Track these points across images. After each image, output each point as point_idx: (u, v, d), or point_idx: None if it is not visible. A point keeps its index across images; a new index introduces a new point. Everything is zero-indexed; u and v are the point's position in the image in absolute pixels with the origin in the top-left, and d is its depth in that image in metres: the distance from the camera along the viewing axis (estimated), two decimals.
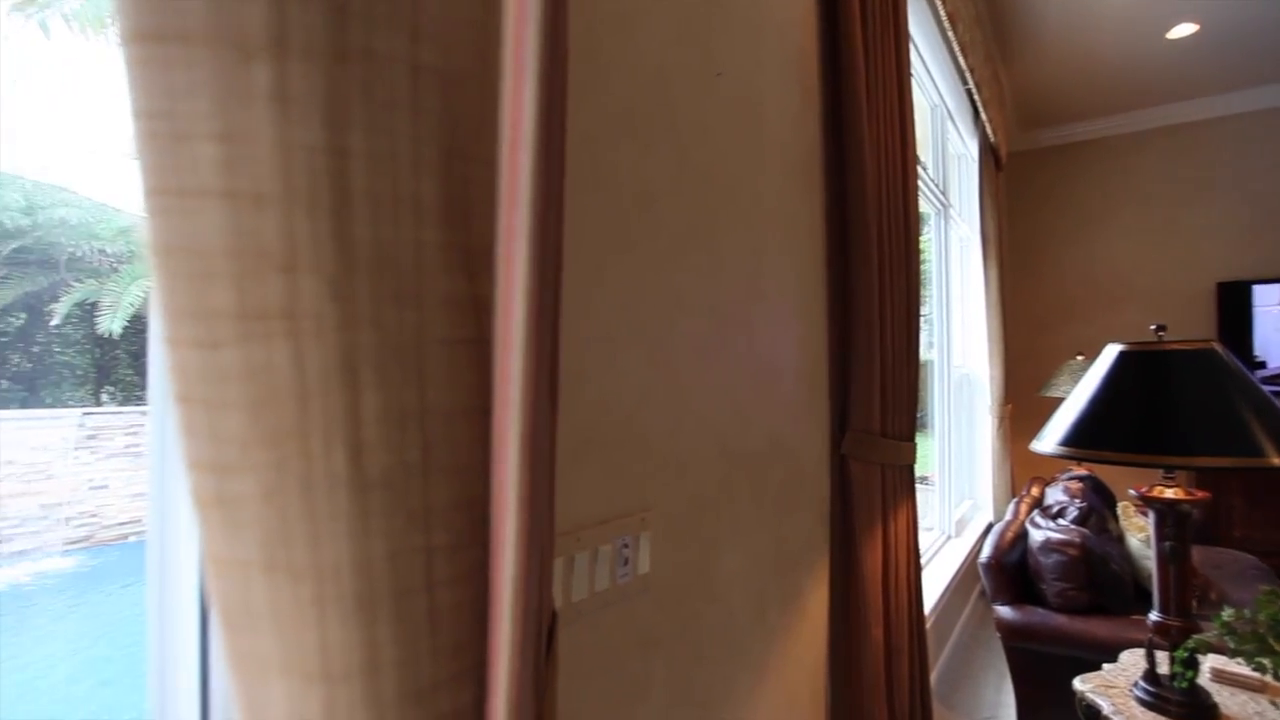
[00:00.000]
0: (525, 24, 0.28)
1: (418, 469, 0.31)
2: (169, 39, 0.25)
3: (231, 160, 0.26)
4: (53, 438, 7.48)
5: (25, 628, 5.94)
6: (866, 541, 1.56)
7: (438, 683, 0.35)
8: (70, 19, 9.85)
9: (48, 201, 7.77)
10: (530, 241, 0.29)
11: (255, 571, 0.30)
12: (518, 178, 0.29)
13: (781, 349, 1.39)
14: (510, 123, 0.29)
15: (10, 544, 7.21)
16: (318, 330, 0.27)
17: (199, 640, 0.61)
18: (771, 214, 1.34)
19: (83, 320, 7.79)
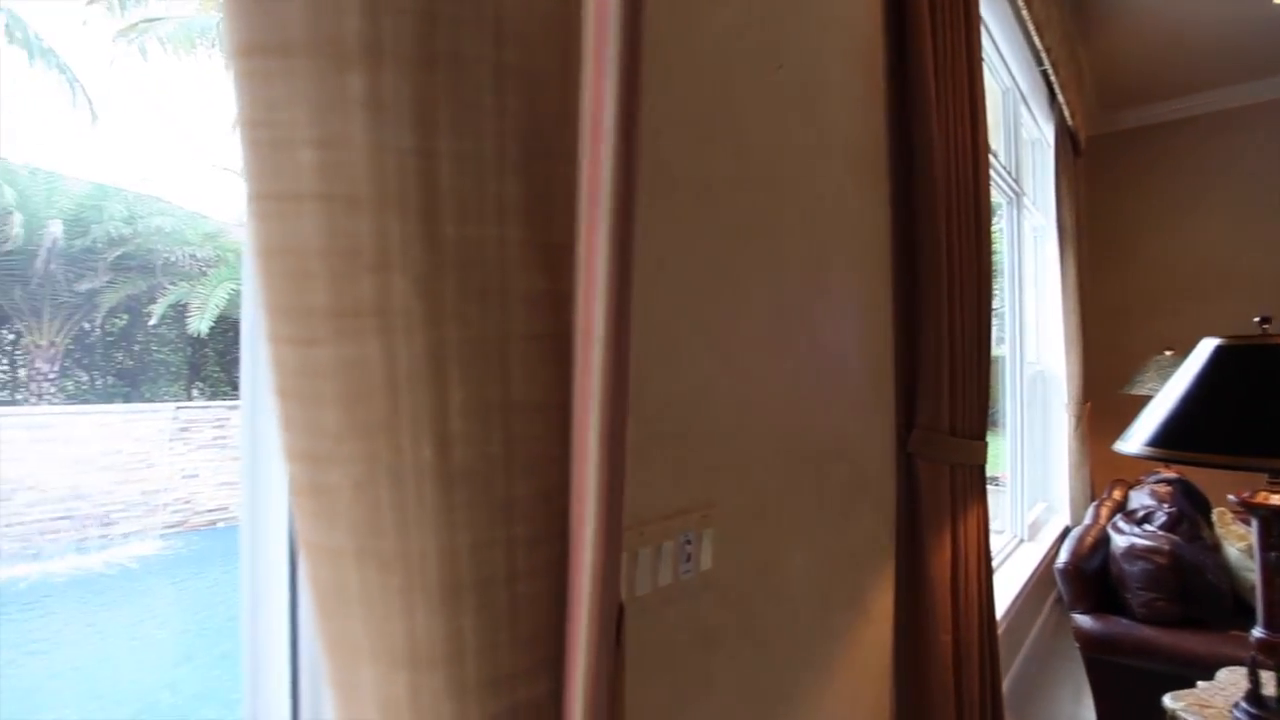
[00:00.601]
0: (606, 20, 0.28)
1: (500, 462, 0.31)
2: (272, 51, 0.26)
3: (328, 165, 0.27)
4: (151, 429, 8.05)
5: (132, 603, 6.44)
6: (934, 543, 1.51)
7: (516, 672, 0.36)
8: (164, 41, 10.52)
9: (146, 211, 8.36)
10: (611, 237, 0.29)
11: (348, 559, 0.31)
12: (599, 174, 0.29)
13: (845, 344, 1.36)
14: (591, 120, 0.29)
15: (118, 526, 7.81)
16: (407, 327, 0.28)
17: (289, 622, 0.64)
18: (834, 207, 1.31)
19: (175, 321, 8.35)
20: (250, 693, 0.74)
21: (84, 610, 6.15)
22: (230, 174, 9.03)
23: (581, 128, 0.30)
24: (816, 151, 1.26)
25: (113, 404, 8.09)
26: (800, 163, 1.21)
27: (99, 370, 9.09)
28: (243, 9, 0.27)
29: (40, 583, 6.62)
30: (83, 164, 11.45)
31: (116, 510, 7.60)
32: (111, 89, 14.14)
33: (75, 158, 9.79)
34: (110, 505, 7.55)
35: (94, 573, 6.90)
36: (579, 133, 0.30)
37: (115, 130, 14.82)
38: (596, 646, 0.35)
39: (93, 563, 7.09)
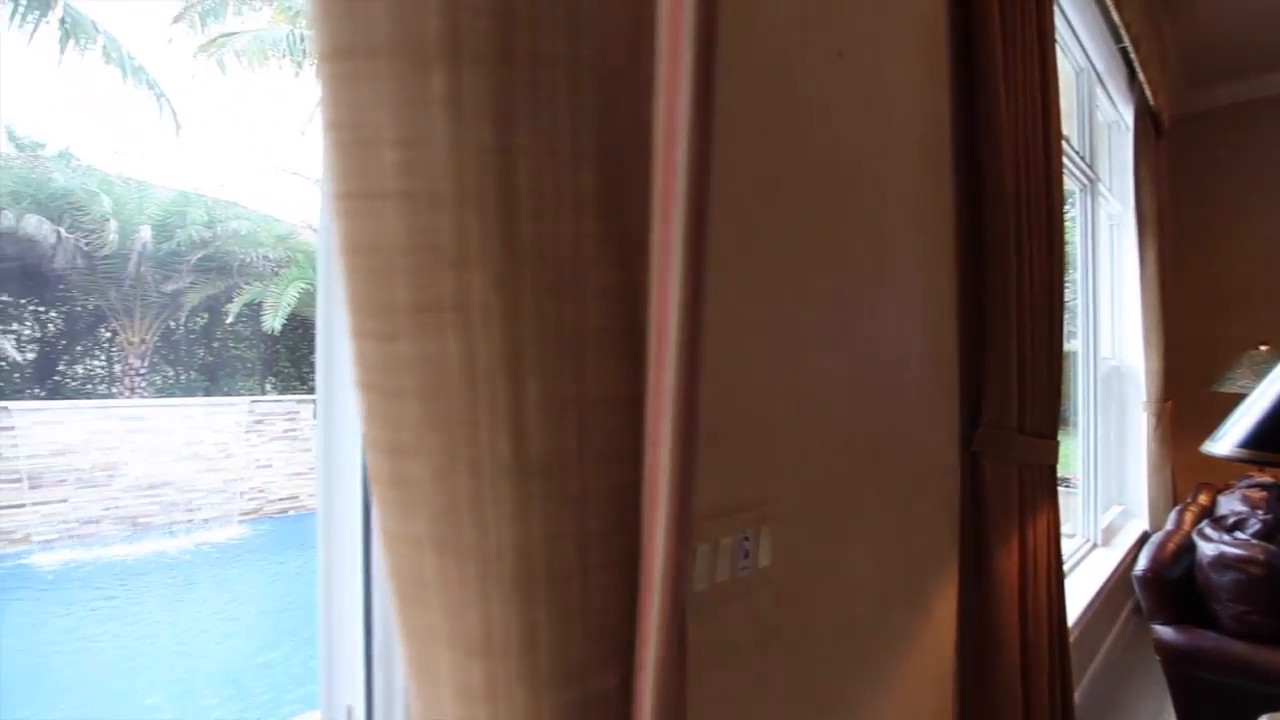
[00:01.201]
0: (681, 13, 0.28)
1: (575, 455, 0.32)
2: (358, 54, 0.27)
3: (410, 163, 0.28)
4: (229, 422, 8.51)
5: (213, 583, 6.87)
6: (1001, 546, 1.45)
7: (588, 663, 0.36)
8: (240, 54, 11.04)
9: (224, 215, 8.84)
10: (686, 230, 0.29)
11: (426, 549, 0.32)
12: (674, 167, 0.29)
13: (907, 338, 1.32)
14: (666, 113, 0.29)
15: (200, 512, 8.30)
16: (485, 322, 0.29)
17: (363, 607, 0.67)
18: (896, 196, 1.27)
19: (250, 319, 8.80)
20: (325, 672, 0.77)
21: (172, 588, 6.62)
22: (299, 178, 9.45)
23: (656, 121, 0.30)
24: (877, 140, 1.22)
25: (195, 397, 8.60)
26: (861, 152, 1.18)
27: (183, 366, 9.67)
28: (330, 14, 0.28)
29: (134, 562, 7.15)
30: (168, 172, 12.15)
31: (199, 497, 8.09)
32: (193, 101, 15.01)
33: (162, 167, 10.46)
34: (193, 493, 8.03)
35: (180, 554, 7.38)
36: (653, 126, 0.30)
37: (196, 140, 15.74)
38: (667, 641, 0.35)
39: (179, 545, 7.58)
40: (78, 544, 7.31)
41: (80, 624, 5.80)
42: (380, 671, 0.67)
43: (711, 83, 0.30)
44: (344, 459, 0.71)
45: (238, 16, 11.50)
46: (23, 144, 9.08)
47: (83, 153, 9.91)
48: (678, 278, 0.30)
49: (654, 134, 0.30)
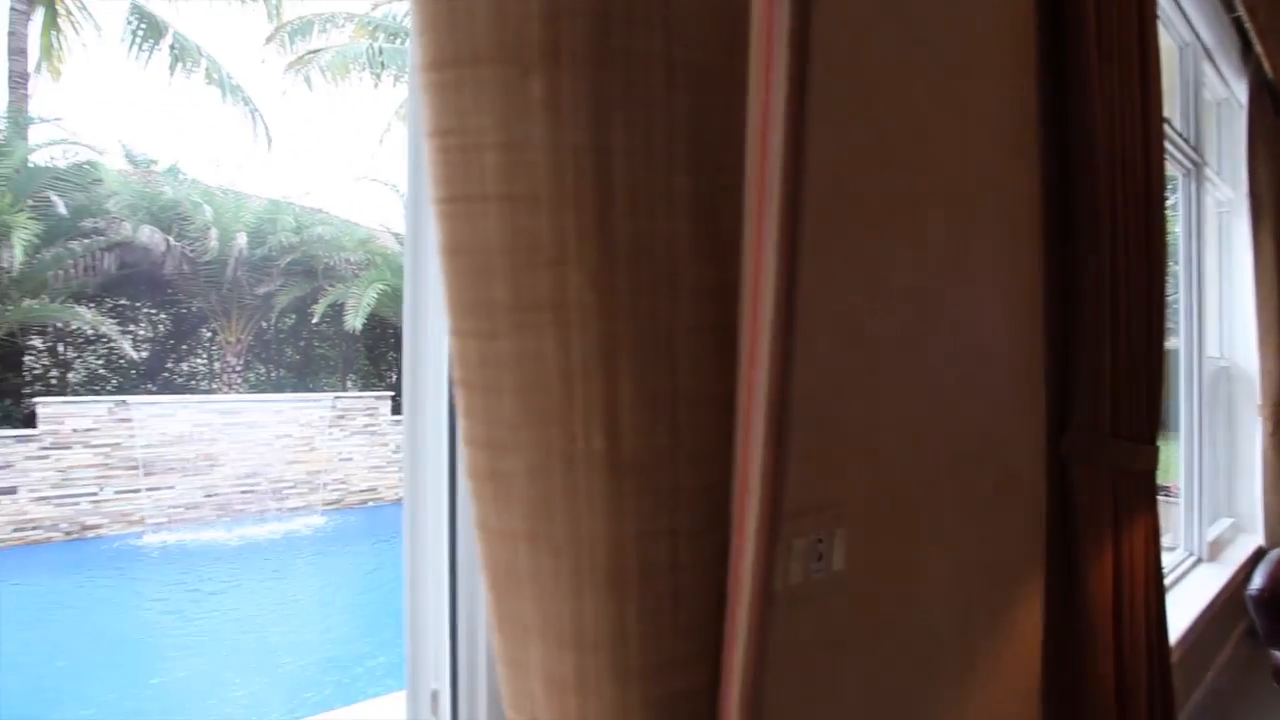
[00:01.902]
0: (774, 9, 0.27)
1: (667, 453, 0.32)
2: (461, 62, 0.28)
3: (511, 166, 0.28)
4: (314, 416, 9.01)
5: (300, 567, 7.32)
6: (1093, 558, 1.36)
7: (676, 661, 0.36)
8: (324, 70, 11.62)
9: (310, 221, 9.36)
10: (779, 228, 0.29)
11: (520, 542, 0.33)
12: (768, 164, 0.28)
13: (989, 336, 1.26)
14: (761, 110, 0.28)
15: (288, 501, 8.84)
16: (582, 320, 0.29)
17: (448, 595, 0.70)
18: (978, 189, 1.22)
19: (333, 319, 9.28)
20: (411, 657, 0.80)
21: (262, 572, 7.11)
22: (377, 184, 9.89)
23: (750, 118, 0.30)
24: (958, 129, 1.17)
25: (283, 393, 9.15)
26: (941, 142, 1.13)
27: (273, 363, 10.31)
28: (434, 25, 0.29)
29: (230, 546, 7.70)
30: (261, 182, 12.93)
31: (287, 487, 8.60)
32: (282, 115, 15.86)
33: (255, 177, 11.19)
34: (282, 482, 8.55)
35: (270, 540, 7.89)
36: (747, 124, 0.30)
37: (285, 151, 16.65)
38: (755, 641, 0.35)
39: (269, 531, 8.10)
40: (182, 527, 7.91)
41: (182, 599, 6.34)
42: (464, 658, 0.70)
43: (805, 78, 0.29)
44: (428, 453, 0.74)
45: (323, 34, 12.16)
46: (138, 160, 9.89)
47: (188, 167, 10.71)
48: (771, 275, 0.30)
49: (747, 131, 0.30)
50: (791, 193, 0.29)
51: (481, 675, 0.69)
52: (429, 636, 0.79)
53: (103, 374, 9.33)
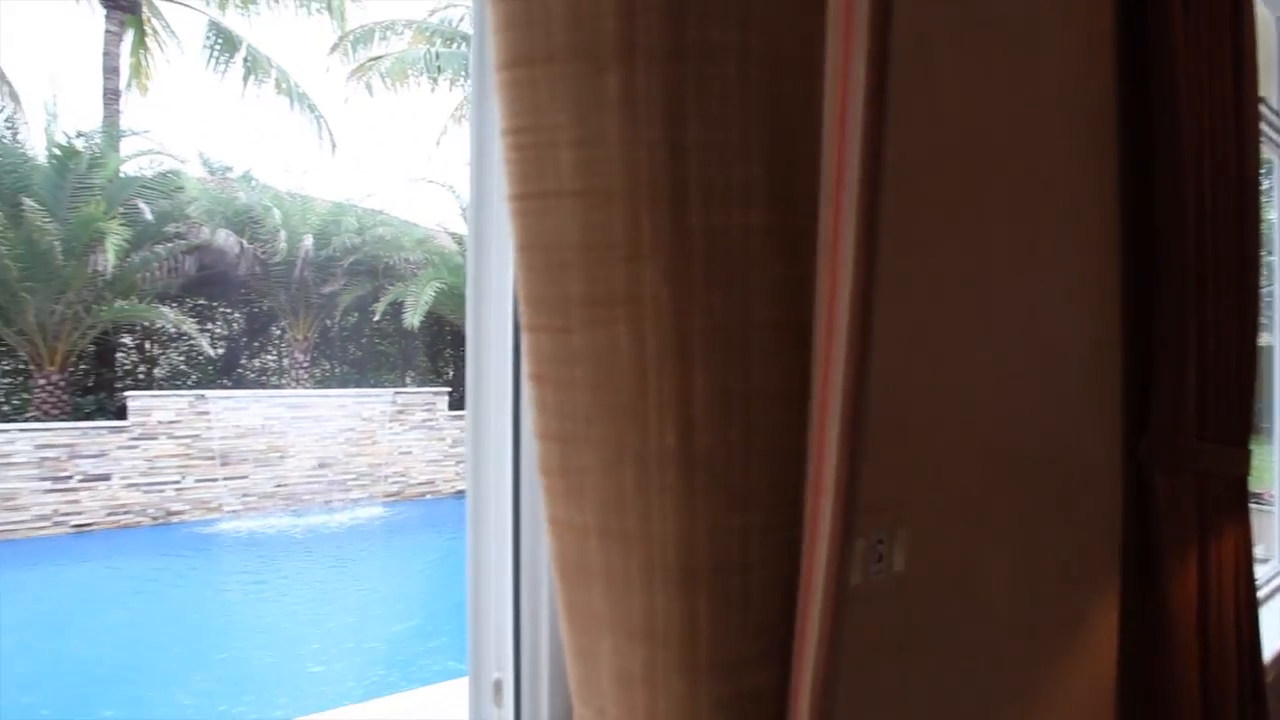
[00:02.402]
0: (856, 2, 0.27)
1: (739, 450, 0.31)
2: (536, 61, 0.29)
3: (586, 162, 0.29)
4: (375, 411, 9.34)
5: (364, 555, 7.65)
6: (1175, 569, 1.28)
7: (745, 659, 0.36)
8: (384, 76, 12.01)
9: (371, 222, 9.70)
10: (858, 221, 0.28)
11: (592, 536, 0.33)
12: (846, 156, 0.28)
13: (1059, 332, 1.20)
14: (838, 101, 0.28)
15: (350, 493, 9.20)
16: (655, 315, 0.29)
17: (512, 586, 0.71)
18: (1048, 177, 1.16)
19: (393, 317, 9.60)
20: (473, 646, 0.82)
21: (327, 558, 7.47)
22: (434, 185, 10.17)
23: (826, 109, 0.29)
24: (1026, 116, 1.12)
25: (347, 388, 9.52)
26: (1006, 131, 1.08)
27: (337, 359, 10.75)
28: (510, 25, 0.29)
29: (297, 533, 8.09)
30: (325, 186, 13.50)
31: (350, 478, 8.95)
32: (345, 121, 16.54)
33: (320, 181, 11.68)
34: (346, 474, 8.90)
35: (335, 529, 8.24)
36: (823, 115, 0.29)
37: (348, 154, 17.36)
38: (827, 642, 0.34)
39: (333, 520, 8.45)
40: (255, 515, 8.34)
41: (255, 583, 6.74)
42: (527, 649, 0.71)
43: (885, 68, 0.28)
44: (491, 447, 0.75)
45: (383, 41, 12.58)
46: (214, 168, 10.46)
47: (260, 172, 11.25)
48: (849, 270, 0.29)
49: (824, 123, 0.29)
50: (870, 185, 0.28)
51: (544, 666, 0.70)
52: (491, 626, 0.81)
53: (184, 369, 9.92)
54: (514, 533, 0.69)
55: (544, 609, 0.69)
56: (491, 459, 0.75)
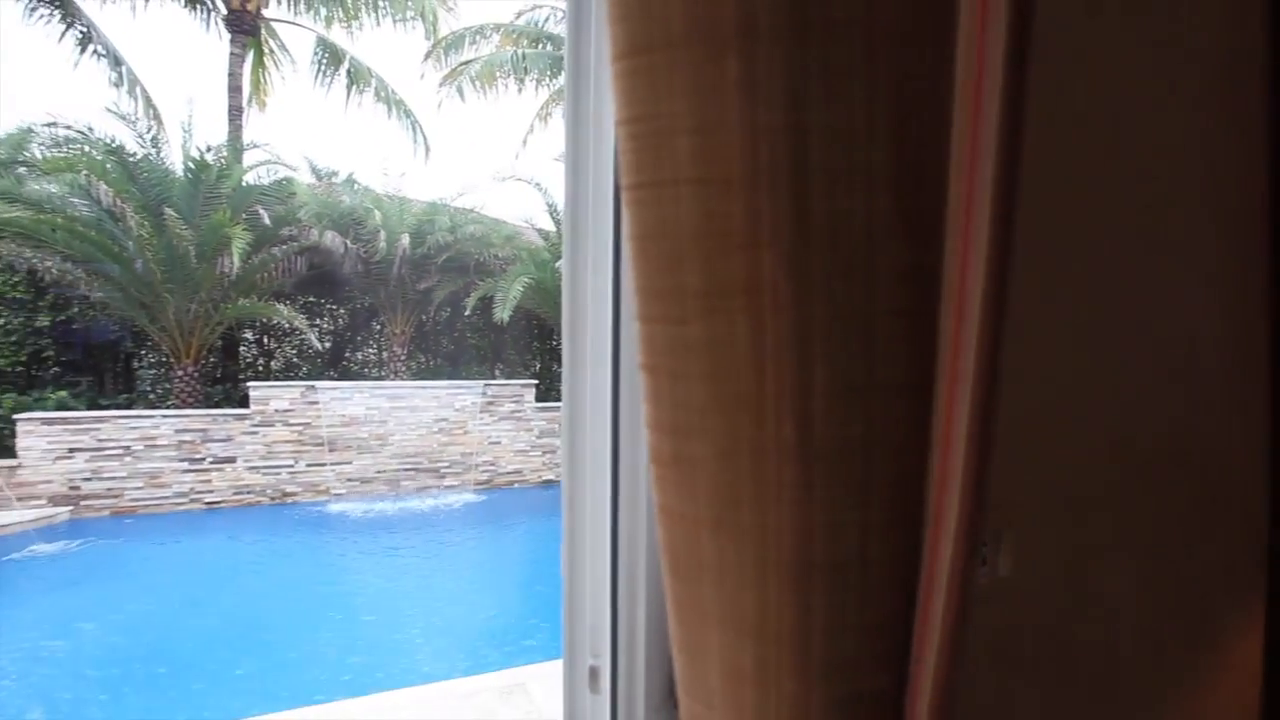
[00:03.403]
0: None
1: (859, 443, 0.30)
2: (655, 48, 0.28)
3: (704, 149, 0.28)
4: (466, 402, 9.75)
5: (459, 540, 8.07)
6: None
7: (861, 659, 0.35)
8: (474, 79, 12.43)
9: (463, 221, 10.12)
10: (993, 207, 0.26)
11: (704, 528, 0.33)
12: (981, 134, 0.26)
13: (1193, 324, 1.09)
14: (974, 75, 0.26)
15: (444, 480, 9.66)
16: (775, 305, 0.28)
17: (609, 577, 0.72)
18: (1178, 155, 1.05)
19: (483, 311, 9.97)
20: (568, 632, 0.84)
21: (427, 539, 7.94)
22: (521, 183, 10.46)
23: (959, 86, 0.27)
24: (1155, 86, 1.02)
25: (440, 380, 9.97)
26: (1130, 102, 0.99)
27: (431, 353, 11.29)
28: (628, 15, 0.29)
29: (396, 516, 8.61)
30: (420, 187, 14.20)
31: (444, 466, 9.40)
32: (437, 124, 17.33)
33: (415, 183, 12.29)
34: (439, 462, 9.35)
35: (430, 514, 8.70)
36: (954, 92, 0.28)
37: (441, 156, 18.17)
38: (949, 645, 0.32)
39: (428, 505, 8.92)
40: (358, 499, 8.92)
41: (360, 560, 7.28)
42: (624, 638, 0.72)
43: (1028, 42, 0.26)
44: (588, 437, 0.77)
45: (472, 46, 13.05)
46: (321, 174, 11.21)
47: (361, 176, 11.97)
48: (981, 257, 0.27)
49: (955, 101, 0.28)
50: (1006, 170, 0.26)
51: (640, 655, 0.71)
52: (586, 614, 0.82)
53: (295, 362, 10.72)
54: (612, 523, 0.70)
55: (640, 599, 0.70)
56: (588, 449, 0.77)
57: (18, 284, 8.56)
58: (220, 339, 9.53)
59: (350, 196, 10.06)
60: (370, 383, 9.60)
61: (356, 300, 10.77)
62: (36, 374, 8.80)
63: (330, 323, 11.11)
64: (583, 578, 0.82)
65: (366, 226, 9.41)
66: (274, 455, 8.73)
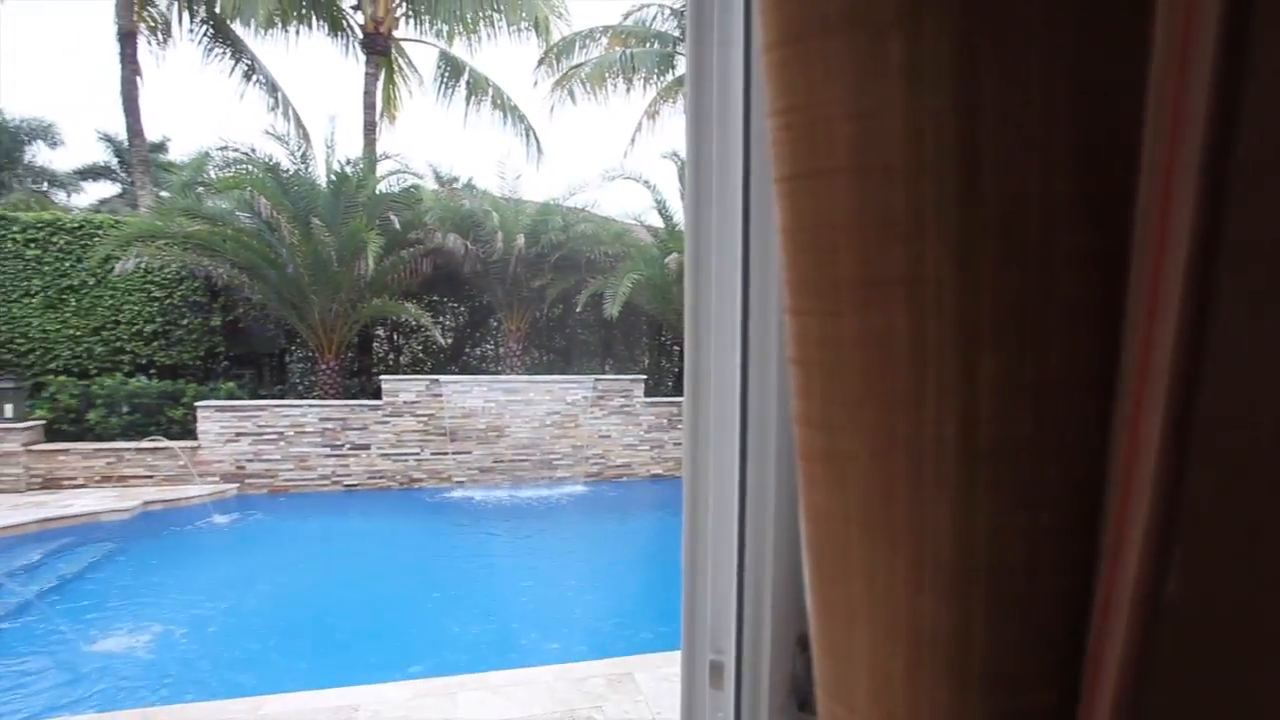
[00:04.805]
0: None
1: (1029, 444, 0.28)
2: (810, 34, 0.28)
3: (864, 136, 0.27)
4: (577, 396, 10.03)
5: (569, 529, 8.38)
6: None
7: (1024, 674, 0.32)
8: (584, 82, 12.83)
9: (574, 220, 10.43)
10: (1198, 181, 0.24)
11: (854, 526, 0.32)
12: (1185, 103, 0.23)
13: None
14: (1177, 39, 0.23)
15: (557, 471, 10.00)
16: (938, 295, 0.27)
17: (736, 573, 0.72)
18: None
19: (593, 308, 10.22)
20: (687, 626, 0.85)
21: (541, 527, 8.28)
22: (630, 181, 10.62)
23: (1156, 49, 0.25)
24: None
25: (552, 375, 10.35)
26: None
27: (544, 348, 11.73)
28: (780, 3, 0.29)
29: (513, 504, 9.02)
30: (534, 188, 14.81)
31: (555, 458, 9.74)
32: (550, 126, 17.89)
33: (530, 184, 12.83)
34: (551, 454, 9.71)
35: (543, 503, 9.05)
36: (1150, 55, 0.25)
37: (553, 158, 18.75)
38: (1133, 667, 0.30)
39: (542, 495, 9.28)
40: (477, 487, 9.43)
41: (486, 545, 7.74)
42: (749, 634, 0.72)
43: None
44: (710, 431, 0.77)
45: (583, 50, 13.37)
46: (444, 179, 11.94)
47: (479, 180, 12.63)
48: (1183, 238, 0.24)
49: (1151, 67, 0.25)
50: (1219, 135, 0.23)
51: (766, 652, 0.70)
52: (706, 608, 0.83)
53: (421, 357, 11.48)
54: (739, 518, 0.70)
55: (767, 595, 0.69)
56: (711, 442, 0.77)
57: (196, 289, 9.81)
58: (357, 336, 10.39)
59: (470, 200, 10.65)
60: (488, 377, 10.14)
61: (476, 298, 11.38)
62: (211, 367, 10.05)
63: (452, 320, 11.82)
64: (704, 572, 0.82)
65: (485, 228, 9.92)
66: (402, 443, 9.42)
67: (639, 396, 9.99)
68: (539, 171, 16.06)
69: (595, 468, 9.92)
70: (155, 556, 6.67)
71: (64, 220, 9.46)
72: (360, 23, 12.58)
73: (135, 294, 9.52)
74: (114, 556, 6.55)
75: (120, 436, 8.55)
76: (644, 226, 10.93)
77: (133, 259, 8.55)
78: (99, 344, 9.41)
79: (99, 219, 9.73)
